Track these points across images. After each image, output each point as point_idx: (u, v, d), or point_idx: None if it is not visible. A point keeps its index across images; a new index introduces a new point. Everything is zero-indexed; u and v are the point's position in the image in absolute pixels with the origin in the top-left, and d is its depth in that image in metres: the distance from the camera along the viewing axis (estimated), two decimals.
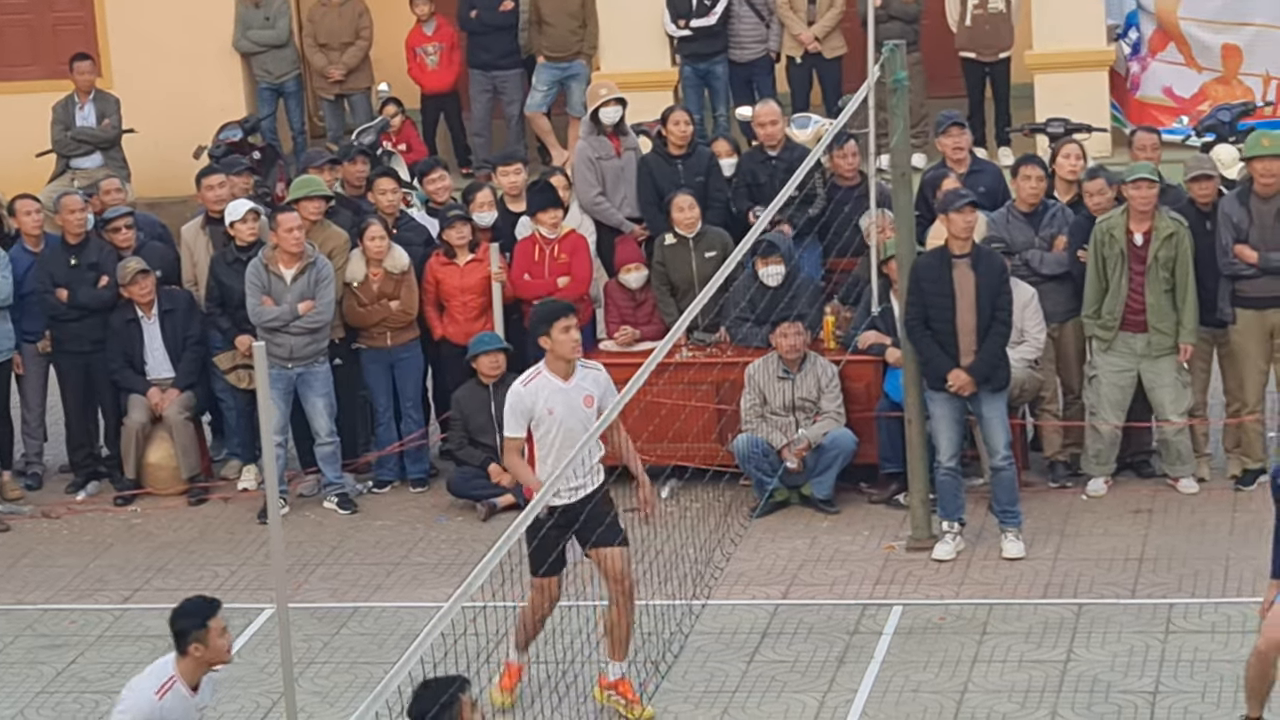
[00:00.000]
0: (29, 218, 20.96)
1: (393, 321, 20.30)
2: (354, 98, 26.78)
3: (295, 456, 20.48)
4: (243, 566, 18.85)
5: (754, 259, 19.23)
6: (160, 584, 18.76)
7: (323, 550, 19.19)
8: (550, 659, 16.53)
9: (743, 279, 19.33)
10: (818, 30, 25.31)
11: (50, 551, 19.62)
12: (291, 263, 19.71)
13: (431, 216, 21.18)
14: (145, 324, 20.27)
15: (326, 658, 16.63)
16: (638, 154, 21.94)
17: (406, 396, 20.74)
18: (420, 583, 17.94)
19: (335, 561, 19.01)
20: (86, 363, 20.64)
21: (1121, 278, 18.70)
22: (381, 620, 17.34)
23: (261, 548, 18.52)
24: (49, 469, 21.37)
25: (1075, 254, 19.16)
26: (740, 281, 19.24)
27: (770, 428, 19.07)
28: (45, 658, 17.34)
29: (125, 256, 20.28)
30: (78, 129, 25.43)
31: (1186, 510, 19.09)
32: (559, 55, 26.41)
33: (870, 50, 19.58)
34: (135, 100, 26.17)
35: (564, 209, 20.86)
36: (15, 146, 25.40)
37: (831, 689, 15.76)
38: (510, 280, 20.43)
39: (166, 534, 19.94)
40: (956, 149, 20.44)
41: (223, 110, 25.93)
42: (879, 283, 19.78)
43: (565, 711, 15.99)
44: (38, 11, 27.30)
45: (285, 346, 19.58)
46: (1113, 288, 18.77)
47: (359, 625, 17.44)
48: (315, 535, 19.57)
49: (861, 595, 17.58)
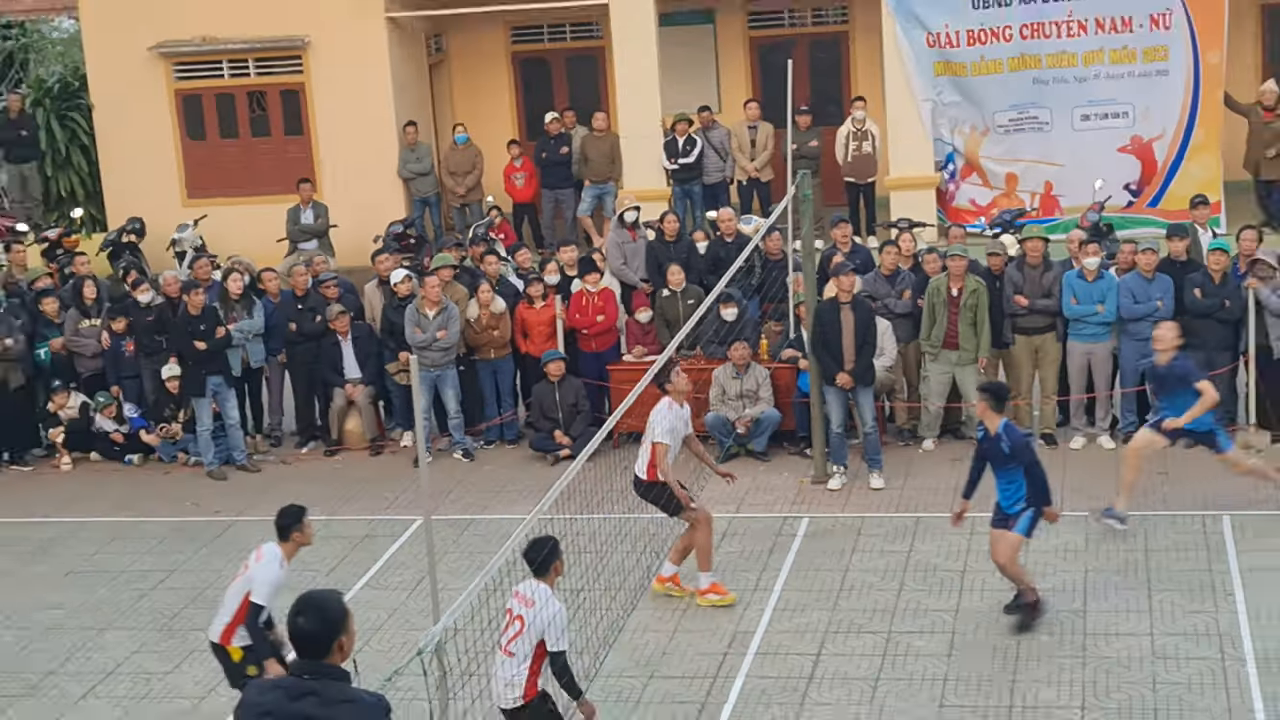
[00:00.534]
0: (271, 282, 20.97)
1: (495, 344, 20.13)
2: (471, 206, 26.01)
3: (435, 426, 20.23)
4: (403, 494, 18.80)
5: (718, 304, 18.92)
6: (353, 506, 18.83)
7: (451, 483, 19.06)
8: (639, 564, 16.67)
9: (711, 317, 18.89)
10: (757, 164, 25.00)
11: (285, 484, 19.08)
12: (433, 307, 19.63)
13: (519, 278, 20.94)
14: (343, 345, 20.25)
15: (455, 551, 16.75)
16: (646, 240, 21.81)
17: (504, 390, 20.59)
18: (513, 503, 17.74)
19: (460, 490, 18.90)
20: (309, 368, 20.59)
21: (943, 316, 18.65)
22: (489, 526, 17.28)
23: (414, 482, 18.34)
24: (285, 433, 21.18)
25: (916, 301, 19.06)
26: (709, 318, 18.81)
27: (727, 409, 19.09)
28: None
29: (331, 304, 20.33)
30: (301, 225, 24.92)
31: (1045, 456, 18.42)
32: (598, 179, 25.81)
33: (789, 176, 19.65)
34: (337, 206, 25.56)
35: (600, 273, 20.73)
36: (264, 236, 25.02)
37: (765, 569, 16.05)
38: (566, 317, 20.20)
39: (356, 474, 19.89)
40: (843, 237, 20.31)
41: (391, 213, 25.63)
42: (794, 319, 19.76)
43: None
44: (277, 152, 27.01)
45: (429, 358, 19.44)
46: (938, 322, 18.72)
47: (475, 530, 17.48)
48: (448, 474, 19.37)
49: (784, 511, 17.65)
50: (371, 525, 18.12)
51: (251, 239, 25.00)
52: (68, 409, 20.36)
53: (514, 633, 11.36)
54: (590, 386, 19.97)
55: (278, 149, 27.34)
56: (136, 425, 20.49)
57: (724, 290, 18.74)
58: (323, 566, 16.49)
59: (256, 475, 19.90)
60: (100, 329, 20.41)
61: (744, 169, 25.27)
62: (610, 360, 20.30)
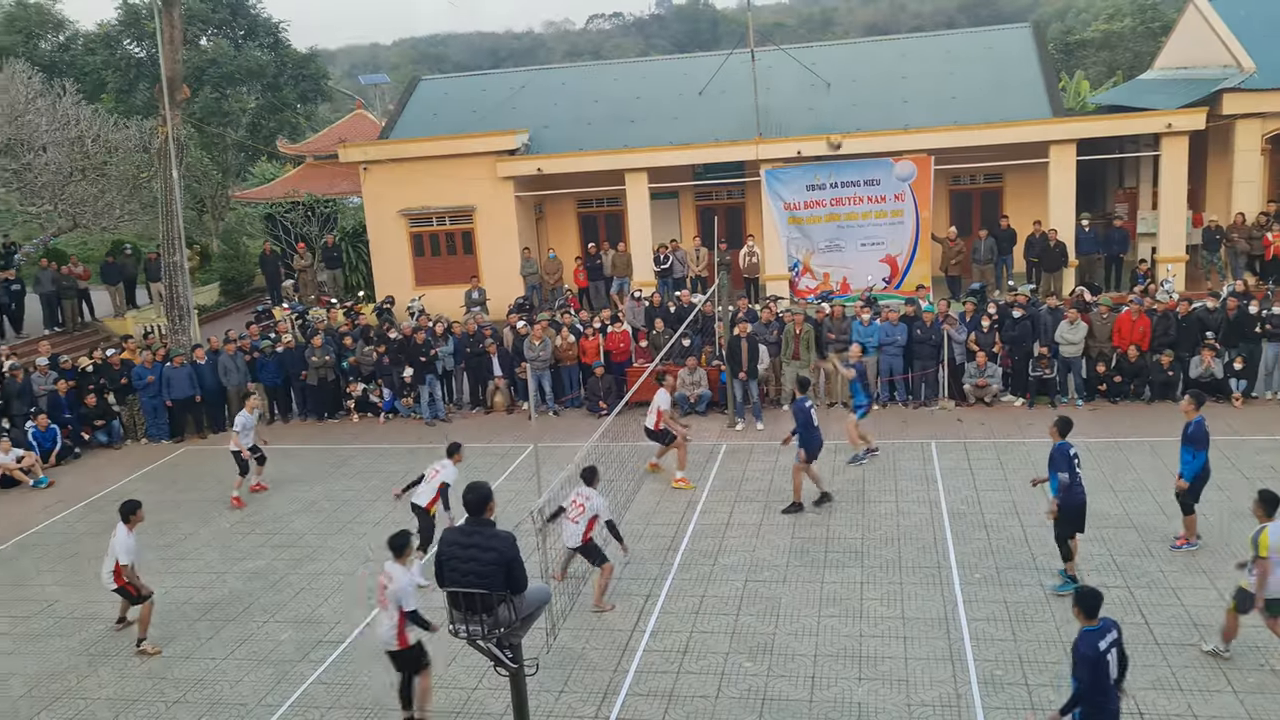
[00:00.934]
0: (457, 327, 21.02)
1: (568, 358, 20.19)
2: (557, 289, 25.86)
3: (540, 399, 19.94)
4: (524, 433, 18.70)
5: (681, 339, 19.21)
6: (499, 438, 18.85)
7: (547, 427, 18.91)
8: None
9: (677, 344, 19.13)
10: (699, 268, 25.22)
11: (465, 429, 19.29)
12: (538, 339, 19.90)
13: (581, 325, 20.63)
14: (493, 359, 20.31)
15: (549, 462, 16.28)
16: (645, 306, 21.79)
17: (573, 381, 20.41)
18: (580, 437, 17.33)
19: (552, 431, 18.66)
20: (476, 370, 20.60)
21: (792, 343, 18.97)
22: (568, 450, 16.90)
23: (529, 428, 17.84)
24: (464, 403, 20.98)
25: (779, 336, 19.10)
26: (677, 345, 19.07)
27: (685, 390, 19.17)
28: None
29: (484, 339, 20.45)
30: (472, 299, 25.31)
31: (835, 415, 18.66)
32: (620, 275, 26.05)
33: (715, 274, 19.66)
34: (490, 289, 25.97)
35: (621, 323, 20.78)
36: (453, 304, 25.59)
37: (705, 470, 16.20)
38: (605, 345, 20.21)
39: (500, 424, 19.73)
40: (743, 304, 20.25)
41: (516, 292, 26.06)
42: (718, 345, 19.55)
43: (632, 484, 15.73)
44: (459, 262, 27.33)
45: (535, 365, 19.68)
46: (789, 346, 19.04)
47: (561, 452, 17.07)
48: (545, 422, 19.14)
49: (713, 440, 17.71)
50: (507, 449, 18.16)
51: (447, 307, 25.52)
52: (357, 392, 20.99)
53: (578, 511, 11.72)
54: (616, 379, 19.92)
55: (460, 261, 27.60)
56: (389, 400, 20.86)
57: (684, 331, 19.45)
58: (482, 468, 16.90)
59: (449, 424, 20.07)
60: (372, 351, 20.93)
61: (693, 270, 25.54)
62: (626, 366, 20.22)
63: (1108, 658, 7.90)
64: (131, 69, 46.08)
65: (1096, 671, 7.81)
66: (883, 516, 13.98)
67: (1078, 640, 7.96)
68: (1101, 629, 7.99)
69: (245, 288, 34.34)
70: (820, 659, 10.47)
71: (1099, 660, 7.83)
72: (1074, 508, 11.42)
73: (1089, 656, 7.82)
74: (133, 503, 11.80)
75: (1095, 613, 8.01)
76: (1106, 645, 7.94)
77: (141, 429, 20.74)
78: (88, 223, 27.83)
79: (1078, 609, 8.05)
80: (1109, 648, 7.95)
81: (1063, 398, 18.81)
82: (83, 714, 10.58)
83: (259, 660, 11.43)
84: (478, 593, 7.19)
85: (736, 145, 25.75)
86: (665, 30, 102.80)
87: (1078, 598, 8.09)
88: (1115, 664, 7.95)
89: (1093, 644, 7.87)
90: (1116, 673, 7.97)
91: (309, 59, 50.13)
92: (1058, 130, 24.26)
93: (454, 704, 10.15)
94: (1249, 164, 23.62)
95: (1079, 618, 8.05)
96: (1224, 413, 17.39)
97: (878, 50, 30.70)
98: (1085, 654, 7.84)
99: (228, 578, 13.74)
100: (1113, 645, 7.98)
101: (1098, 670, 7.81)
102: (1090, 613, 7.99)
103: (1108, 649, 7.93)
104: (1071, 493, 11.34)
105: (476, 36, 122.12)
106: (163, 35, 22.20)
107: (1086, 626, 7.99)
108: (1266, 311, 17.99)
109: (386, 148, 27.25)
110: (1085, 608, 8.01)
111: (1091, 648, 7.85)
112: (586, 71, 33.82)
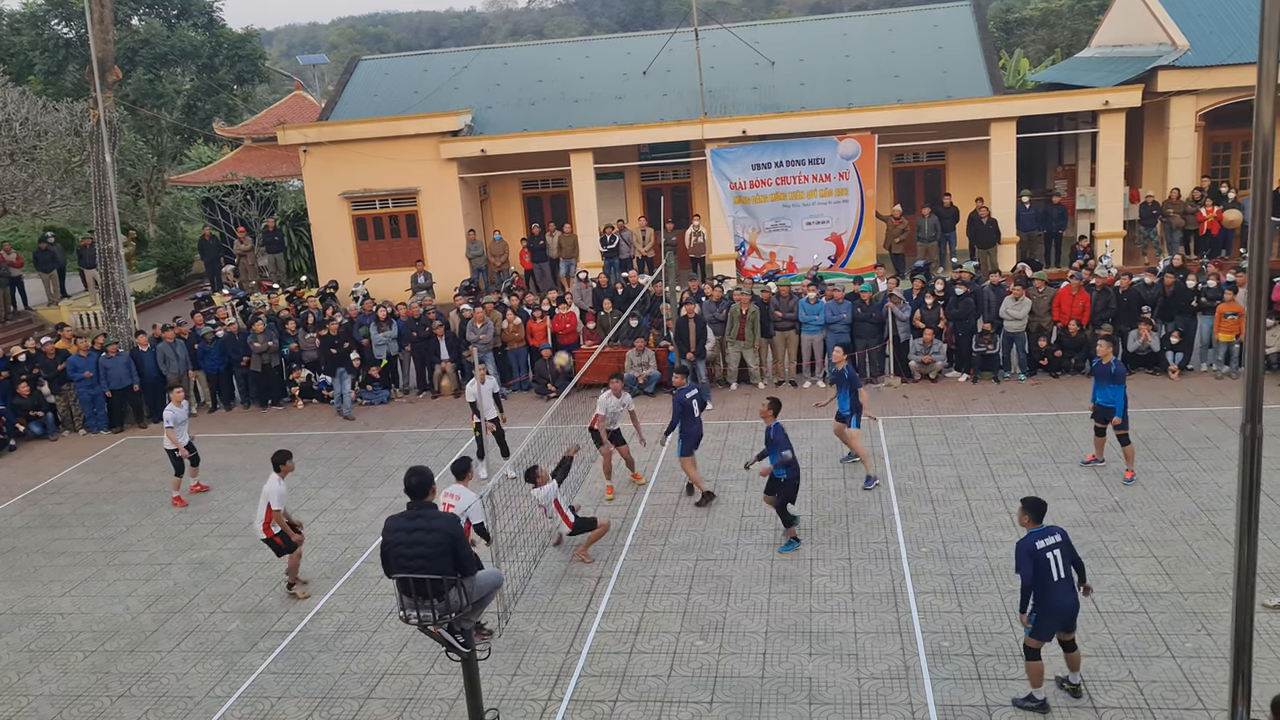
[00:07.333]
0: (403, 311, 20.68)
1: (515, 341, 20.17)
2: (503, 272, 25.81)
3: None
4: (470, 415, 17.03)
5: (629, 319, 19.36)
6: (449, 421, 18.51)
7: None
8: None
9: (626, 325, 19.36)
10: (645, 249, 25.04)
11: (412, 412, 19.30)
12: (480, 322, 19.84)
13: (527, 308, 20.58)
14: (440, 342, 20.13)
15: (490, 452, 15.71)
16: (592, 287, 21.90)
17: (520, 364, 20.41)
18: (528, 420, 17.28)
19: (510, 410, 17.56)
20: (422, 355, 20.38)
21: (737, 323, 19.01)
22: (516, 433, 16.58)
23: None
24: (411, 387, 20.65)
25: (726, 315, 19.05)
26: (625, 326, 19.30)
27: (633, 370, 19.20)
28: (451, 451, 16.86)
29: (430, 323, 20.31)
30: (417, 283, 24.62)
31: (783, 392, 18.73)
32: (566, 257, 25.98)
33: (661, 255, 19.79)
34: (435, 273, 25.62)
35: (568, 305, 20.79)
36: (398, 289, 25.48)
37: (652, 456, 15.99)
38: (552, 327, 20.23)
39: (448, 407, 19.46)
40: (694, 284, 20.49)
41: (461, 276, 25.80)
42: (665, 327, 19.86)
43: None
44: (404, 245, 26.94)
45: (481, 347, 19.61)
46: (734, 326, 19.07)
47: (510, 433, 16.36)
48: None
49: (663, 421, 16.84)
50: (455, 431, 18.09)
51: (391, 290, 25.62)
52: (301, 379, 20.83)
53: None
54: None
55: (404, 244, 27.25)
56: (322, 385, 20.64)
57: (631, 311, 19.62)
58: (430, 451, 16.85)
59: (391, 407, 19.93)
60: (314, 338, 20.59)
61: (640, 251, 25.41)
62: (574, 348, 20.29)
63: (1048, 556, 8.57)
64: (60, 50, 44.95)
65: (1036, 565, 8.52)
66: (831, 494, 14.10)
67: (1020, 540, 8.69)
68: (1043, 531, 8.71)
69: (184, 274, 33.97)
70: (771, 635, 10.58)
71: (1038, 556, 8.55)
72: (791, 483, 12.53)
73: (1027, 549, 8.58)
74: (284, 452, 11.93)
75: (1040, 517, 8.76)
76: (1045, 545, 8.63)
77: (79, 420, 20.47)
78: (18, 209, 27.18)
79: (1024, 513, 8.78)
80: (1050, 548, 8.62)
81: (1005, 372, 19.02)
82: (24, 711, 10.43)
83: (206, 651, 11.38)
84: (427, 578, 7.14)
85: (682, 125, 25.59)
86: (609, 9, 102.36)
87: (1025, 504, 8.81)
88: (1060, 565, 8.58)
89: (1030, 542, 8.61)
90: (1064, 572, 8.60)
91: (245, 39, 49.05)
92: (998, 108, 24.40)
93: (406, 690, 10.18)
94: (1183, 140, 24.03)
95: (1024, 522, 8.78)
96: (1161, 385, 17.78)
97: (821, 29, 30.66)
98: (1023, 548, 8.61)
99: (172, 569, 13.64)
100: (1055, 547, 8.64)
101: (1037, 564, 8.53)
102: (1036, 517, 8.74)
103: (1047, 549, 8.61)
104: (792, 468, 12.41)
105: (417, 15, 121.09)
106: (92, 15, 21.74)
107: (1031, 529, 8.72)
108: (1202, 285, 18.35)
109: (327, 129, 26.89)
110: (1031, 512, 8.77)
111: (1029, 544, 8.60)
112: (530, 51, 33.29)
